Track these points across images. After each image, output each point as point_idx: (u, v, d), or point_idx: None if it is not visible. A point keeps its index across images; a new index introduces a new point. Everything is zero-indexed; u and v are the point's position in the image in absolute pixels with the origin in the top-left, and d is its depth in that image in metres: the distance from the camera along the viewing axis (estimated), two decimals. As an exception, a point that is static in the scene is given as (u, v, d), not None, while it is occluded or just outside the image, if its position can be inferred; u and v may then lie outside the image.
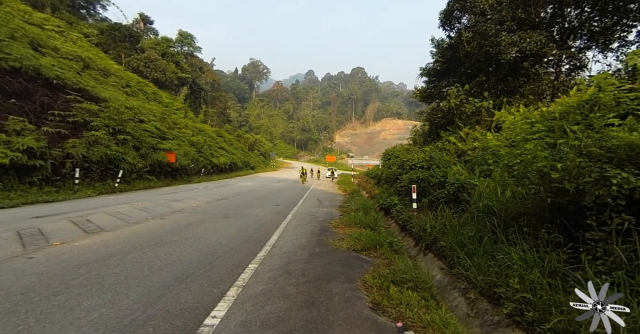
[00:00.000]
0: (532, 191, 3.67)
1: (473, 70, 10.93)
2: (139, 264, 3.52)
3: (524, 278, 2.92)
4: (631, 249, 2.49)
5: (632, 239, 2.51)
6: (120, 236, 4.84)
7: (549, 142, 3.36)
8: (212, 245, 4.63)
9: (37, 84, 14.54)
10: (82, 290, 2.70)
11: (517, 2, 8.88)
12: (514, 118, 7.20)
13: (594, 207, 2.76)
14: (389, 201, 9.12)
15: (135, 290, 2.79)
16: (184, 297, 2.74)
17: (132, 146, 16.41)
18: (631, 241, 2.53)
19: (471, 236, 4.18)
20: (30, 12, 24.56)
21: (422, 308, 2.83)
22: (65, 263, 3.39)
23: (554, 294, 2.61)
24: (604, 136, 3.06)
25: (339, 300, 2.96)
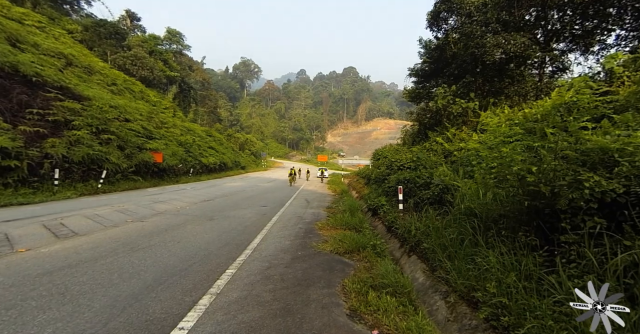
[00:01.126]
0: (511, 193, 3.68)
1: (460, 71, 11.01)
2: (108, 272, 3.37)
3: (501, 282, 2.91)
4: (602, 252, 2.49)
5: (604, 242, 2.51)
6: (94, 241, 4.66)
7: (526, 144, 3.36)
8: (191, 249, 4.50)
9: (15, 81, 13.99)
10: (40, 302, 2.55)
11: (502, 5, 8.98)
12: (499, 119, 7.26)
13: (568, 210, 2.76)
14: (376, 201, 9.11)
15: (99, 301, 2.65)
16: (152, 307, 2.62)
17: (117, 146, 15.97)
18: (603, 244, 2.54)
19: (453, 239, 4.17)
20: (8, 7, 23.65)
21: (399, 315, 2.79)
22: (27, 272, 3.22)
23: (529, 298, 2.60)
24: (578, 139, 3.07)
25: (315, 307, 2.89)
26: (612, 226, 2.60)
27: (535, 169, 2.80)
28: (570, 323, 2.09)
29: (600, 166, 2.82)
